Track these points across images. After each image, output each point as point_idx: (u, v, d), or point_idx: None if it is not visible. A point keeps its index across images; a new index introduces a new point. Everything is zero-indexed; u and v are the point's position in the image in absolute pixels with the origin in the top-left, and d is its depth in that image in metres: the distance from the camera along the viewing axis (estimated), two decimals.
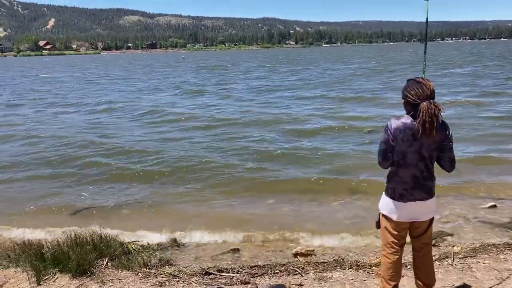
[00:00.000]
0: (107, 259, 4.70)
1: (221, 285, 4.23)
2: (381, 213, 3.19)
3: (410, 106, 2.90)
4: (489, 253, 4.64)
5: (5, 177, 8.71)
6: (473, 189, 7.13)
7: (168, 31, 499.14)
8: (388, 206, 3.08)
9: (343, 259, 4.77)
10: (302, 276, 4.37)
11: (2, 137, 12.92)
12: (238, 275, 4.46)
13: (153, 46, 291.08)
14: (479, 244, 5.03)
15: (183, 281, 4.32)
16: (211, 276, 4.47)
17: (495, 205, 6.44)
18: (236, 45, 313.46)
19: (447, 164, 3.01)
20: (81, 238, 4.84)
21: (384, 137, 3.02)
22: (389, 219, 3.10)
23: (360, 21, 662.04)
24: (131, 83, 34.89)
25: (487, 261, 4.41)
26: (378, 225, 3.26)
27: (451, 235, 5.48)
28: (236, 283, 4.26)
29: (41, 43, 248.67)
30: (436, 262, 4.34)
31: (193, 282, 4.30)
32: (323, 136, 11.84)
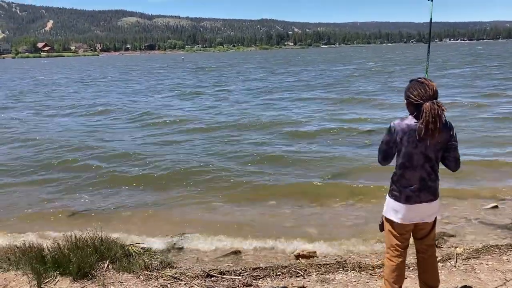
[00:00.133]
0: (108, 261, 4.67)
1: (223, 287, 4.21)
2: (384, 216, 3.16)
3: (413, 107, 2.88)
4: (492, 254, 4.63)
5: (3, 181, 8.64)
6: (474, 190, 7.12)
7: (166, 32, 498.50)
8: (392, 209, 3.05)
9: (345, 261, 4.74)
10: (304, 278, 4.34)
11: None
12: (240, 277, 4.43)
13: (151, 47, 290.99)
14: (481, 245, 5.02)
15: (184, 284, 4.29)
16: (213, 278, 4.44)
17: (497, 206, 6.43)
18: (234, 46, 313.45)
19: (452, 163, 3.00)
20: (82, 241, 4.81)
21: (386, 138, 3.00)
22: (393, 222, 3.07)
23: (358, 22, 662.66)
24: (129, 84, 34.88)
25: (490, 262, 4.39)
26: (382, 227, 3.24)
27: (453, 236, 5.47)
28: (238, 286, 4.23)
29: (40, 45, 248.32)
30: (439, 263, 4.32)
31: (195, 284, 4.27)
32: (322, 138, 11.80)
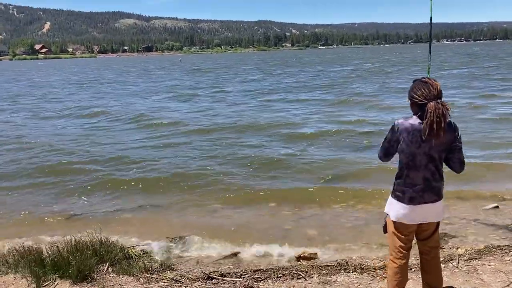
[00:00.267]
0: (107, 264, 4.64)
1: None
2: (387, 217, 3.13)
3: (417, 107, 2.85)
4: (494, 255, 4.61)
5: (1, 185, 8.55)
6: (474, 191, 7.11)
7: (164, 34, 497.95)
8: (396, 210, 3.02)
9: (346, 262, 4.71)
10: (306, 280, 4.31)
11: None
12: (241, 279, 4.40)
13: (149, 49, 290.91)
14: (483, 245, 5.00)
15: (185, 286, 4.26)
16: (213, 280, 4.41)
17: (498, 206, 6.42)
18: (232, 47, 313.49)
19: (456, 165, 2.98)
20: (81, 243, 4.77)
21: (389, 135, 2.98)
22: (396, 222, 3.04)
23: (356, 23, 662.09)
24: (126, 86, 34.78)
25: (493, 263, 4.37)
26: (385, 229, 3.21)
27: (454, 236, 5.45)
28: None
29: (37, 46, 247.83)
30: (441, 264, 4.29)
31: (196, 287, 4.24)
32: (320, 140, 11.71)
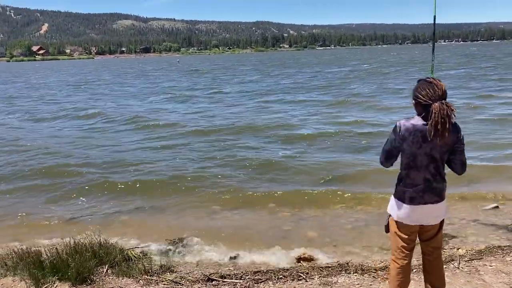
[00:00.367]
0: (107, 266, 4.61)
1: None
2: (390, 217, 3.12)
3: (421, 107, 2.82)
4: (494, 256, 4.60)
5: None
6: (473, 191, 7.10)
7: (162, 35, 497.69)
8: (397, 210, 3.00)
9: (347, 263, 4.69)
10: (306, 281, 4.29)
11: None
12: (242, 281, 4.38)
13: (147, 50, 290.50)
14: (484, 246, 4.99)
15: None
16: (213, 282, 4.38)
17: (497, 207, 6.42)
18: (230, 48, 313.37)
19: (458, 166, 2.96)
20: (80, 245, 4.74)
21: (391, 137, 2.95)
22: (399, 223, 3.02)
23: (354, 23, 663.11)
24: (123, 87, 34.59)
25: (494, 264, 4.35)
26: (387, 229, 3.19)
27: (455, 237, 5.45)
28: None
29: (34, 48, 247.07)
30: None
31: None
32: (319, 142, 11.62)
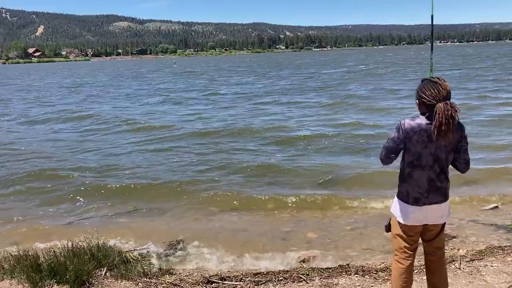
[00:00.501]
0: (105, 269, 4.56)
1: None
2: (392, 217, 3.08)
3: (426, 107, 2.79)
4: (495, 256, 4.58)
5: None
6: (473, 191, 7.08)
7: (158, 37, 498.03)
8: (401, 210, 2.97)
9: (348, 264, 4.67)
10: (307, 283, 4.26)
11: None
12: (242, 283, 4.34)
13: (143, 52, 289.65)
14: (484, 246, 4.98)
15: None
16: (213, 284, 4.35)
17: (497, 207, 6.42)
18: (226, 50, 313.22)
19: (462, 165, 2.94)
20: (78, 248, 4.70)
21: (394, 135, 2.90)
22: (402, 223, 2.99)
23: (350, 25, 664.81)
24: (118, 90, 34.09)
25: (495, 264, 4.34)
26: (388, 228, 3.16)
27: (455, 237, 5.43)
28: None
29: (30, 50, 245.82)
30: None
31: None
32: (317, 143, 11.42)
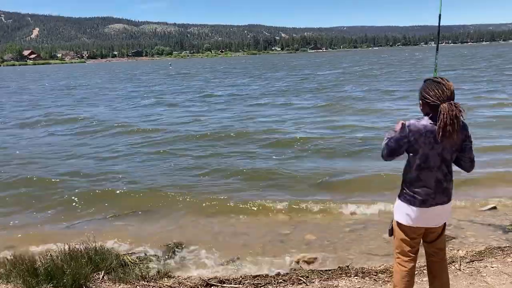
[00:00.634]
0: (103, 272, 4.52)
1: None
2: (395, 220, 3.05)
3: (429, 108, 2.76)
4: (495, 257, 4.57)
5: None
6: (471, 192, 7.07)
7: (153, 39, 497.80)
8: (405, 213, 2.94)
9: (347, 266, 4.64)
10: (307, 285, 4.23)
11: None
12: (241, 285, 4.31)
13: (139, 54, 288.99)
14: (484, 247, 4.97)
15: None
16: (212, 287, 4.31)
17: (495, 207, 6.41)
18: (222, 52, 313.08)
19: (467, 164, 2.91)
20: (75, 251, 4.65)
21: (398, 135, 2.85)
22: (405, 226, 2.96)
23: (345, 26, 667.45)
24: (113, 92, 33.71)
25: (495, 265, 4.32)
26: (391, 232, 3.13)
27: (454, 238, 5.41)
28: None
29: (25, 52, 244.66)
30: None
31: None
32: (314, 146, 11.21)
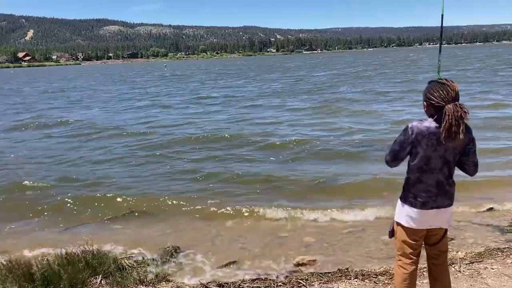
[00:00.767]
0: (100, 276, 4.48)
1: None
2: (396, 222, 3.03)
3: (434, 109, 2.73)
4: (495, 258, 4.56)
5: None
6: (469, 193, 7.05)
7: (149, 40, 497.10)
8: (406, 215, 2.92)
9: (347, 268, 4.62)
10: None
11: None
12: None
13: (134, 55, 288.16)
14: (483, 248, 4.96)
15: None
16: None
17: (492, 208, 6.42)
18: (218, 53, 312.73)
19: (471, 168, 2.87)
20: (72, 256, 4.60)
21: (401, 138, 2.83)
22: (407, 228, 2.94)
23: (339, 28, 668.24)
24: (108, 94, 33.45)
25: (495, 266, 4.31)
26: (392, 234, 3.11)
27: (453, 239, 5.40)
28: None
29: (20, 54, 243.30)
30: None
31: None
32: (309, 149, 11.07)
